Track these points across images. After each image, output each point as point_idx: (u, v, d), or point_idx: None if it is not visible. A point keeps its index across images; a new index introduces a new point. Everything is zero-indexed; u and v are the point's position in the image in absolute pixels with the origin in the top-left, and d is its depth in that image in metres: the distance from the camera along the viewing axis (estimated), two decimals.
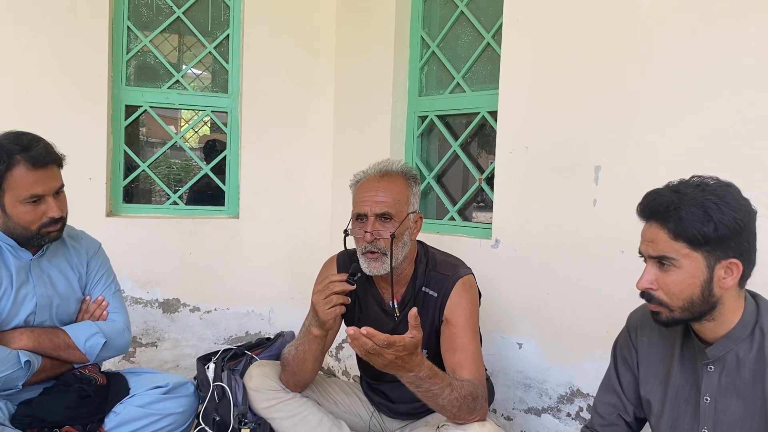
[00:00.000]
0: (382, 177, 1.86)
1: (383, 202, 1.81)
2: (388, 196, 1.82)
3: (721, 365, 1.34)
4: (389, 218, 1.81)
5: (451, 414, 1.66)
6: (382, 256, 1.81)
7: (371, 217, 1.81)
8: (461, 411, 1.64)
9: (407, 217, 1.85)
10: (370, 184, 1.85)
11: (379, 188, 1.83)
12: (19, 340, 1.79)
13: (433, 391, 1.60)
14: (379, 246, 1.81)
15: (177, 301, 3.18)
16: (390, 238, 1.79)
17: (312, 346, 1.88)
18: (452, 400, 1.62)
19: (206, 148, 3.59)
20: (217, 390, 2.07)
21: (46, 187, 1.76)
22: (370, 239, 1.80)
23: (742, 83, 1.78)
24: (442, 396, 1.61)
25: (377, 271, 1.82)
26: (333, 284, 1.77)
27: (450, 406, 1.63)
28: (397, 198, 1.83)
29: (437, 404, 1.63)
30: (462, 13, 2.79)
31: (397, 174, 1.88)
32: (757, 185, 1.68)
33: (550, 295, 2.30)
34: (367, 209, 1.82)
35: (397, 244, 1.81)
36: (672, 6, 1.92)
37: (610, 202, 2.10)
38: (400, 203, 1.83)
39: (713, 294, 1.28)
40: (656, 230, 1.29)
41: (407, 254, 1.88)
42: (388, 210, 1.81)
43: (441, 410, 1.66)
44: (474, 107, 2.75)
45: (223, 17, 3.28)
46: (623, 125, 2.05)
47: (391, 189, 1.83)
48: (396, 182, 1.86)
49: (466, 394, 1.64)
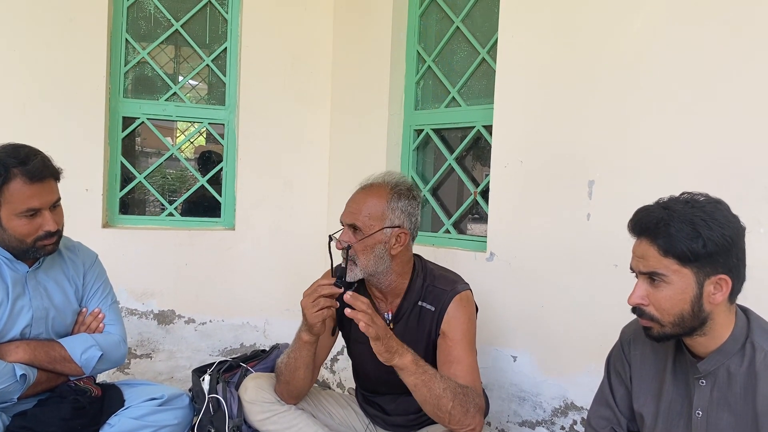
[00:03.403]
0: (364, 188, 1.92)
1: (352, 213, 1.87)
2: (359, 208, 1.87)
3: (713, 380, 1.35)
4: (357, 229, 1.86)
5: (447, 409, 1.69)
6: (351, 264, 1.86)
7: (345, 227, 1.88)
8: (455, 403, 1.69)
9: (381, 230, 1.84)
10: (354, 194, 1.92)
11: (356, 199, 1.89)
12: (15, 353, 1.79)
13: (427, 377, 1.69)
14: (350, 254, 1.86)
15: (172, 312, 3.18)
16: (346, 249, 1.85)
17: (302, 352, 1.88)
18: (446, 389, 1.70)
19: (202, 159, 3.60)
20: (212, 402, 2.07)
21: (43, 201, 1.76)
22: (339, 247, 1.87)
23: (733, 100, 1.81)
24: (435, 384, 1.69)
25: (350, 277, 1.87)
26: (321, 287, 1.79)
27: (444, 397, 1.69)
28: (369, 211, 1.85)
29: (434, 394, 1.69)
30: (458, 29, 2.82)
31: (382, 187, 1.89)
32: (748, 201, 1.71)
33: (544, 308, 2.31)
34: (343, 218, 1.90)
35: (366, 255, 1.85)
36: (665, 24, 1.95)
37: (603, 217, 2.12)
38: (371, 217, 1.85)
39: (703, 309, 1.30)
40: (646, 247, 1.31)
41: (394, 267, 1.89)
42: (355, 221, 1.86)
43: (438, 404, 1.70)
44: (469, 121, 2.77)
45: (220, 30, 3.30)
46: (617, 140, 2.08)
47: (366, 202, 1.87)
48: (375, 195, 1.87)
49: (456, 385, 1.73)
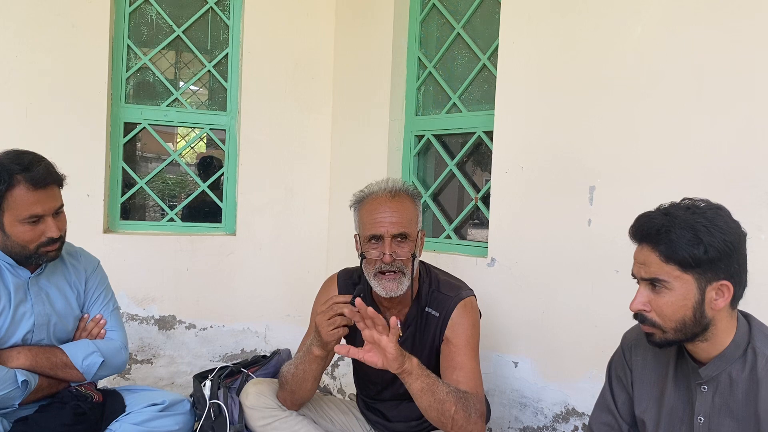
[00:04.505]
0: (393, 197, 1.87)
1: (399, 223, 1.82)
2: (402, 217, 1.83)
3: (715, 385, 1.35)
4: (405, 238, 1.82)
5: (450, 414, 1.69)
6: (401, 276, 1.82)
7: (387, 239, 1.81)
8: (458, 407, 1.70)
9: (417, 235, 1.88)
10: (383, 204, 1.85)
11: (393, 209, 1.83)
12: (16, 359, 1.79)
13: (431, 381, 1.69)
14: (398, 265, 1.81)
15: (173, 318, 3.18)
16: (411, 258, 1.81)
17: (312, 366, 1.87)
18: (449, 394, 1.70)
19: (203, 164, 3.61)
20: (213, 408, 2.07)
21: (46, 208, 1.76)
22: (389, 260, 1.80)
23: (734, 105, 1.81)
24: (439, 389, 1.69)
25: (394, 292, 1.82)
26: (337, 305, 1.76)
27: (448, 402, 1.69)
28: (410, 218, 1.85)
29: (437, 399, 1.69)
30: (458, 35, 2.83)
31: (405, 193, 1.90)
32: (749, 207, 1.71)
33: (545, 313, 2.31)
34: (383, 230, 1.81)
35: (415, 263, 1.84)
36: (665, 31, 1.96)
37: (604, 222, 2.12)
38: (412, 222, 1.86)
39: (705, 315, 1.30)
40: (648, 253, 1.31)
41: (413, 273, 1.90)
42: (404, 230, 1.82)
43: (442, 409, 1.69)
44: (470, 127, 2.78)
45: (222, 36, 3.32)
46: (618, 146, 2.08)
47: (404, 209, 1.85)
48: (406, 202, 1.88)
49: (458, 391, 1.74)
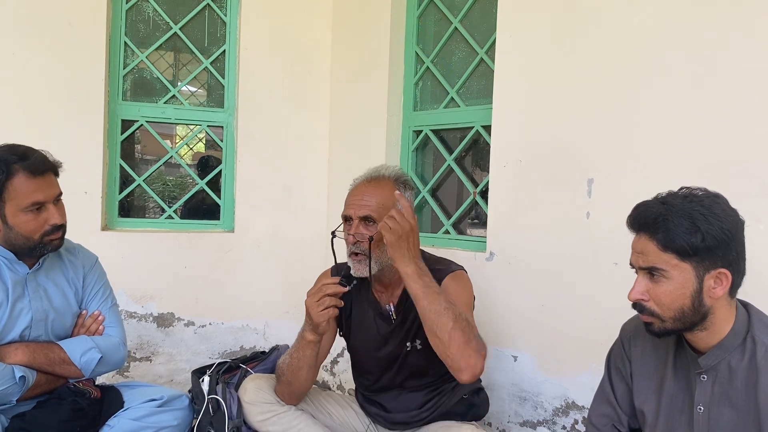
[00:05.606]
0: (370, 181, 1.92)
1: (366, 206, 1.87)
2: (372, 200, 1.87)
3: (714, 375, 1.35)
4: (372, 221, 1.86)
5: (447, 329, 1.63)
6: (364, 257, 1.85)
7: (355, 220, 1.87)
8: (456, 325, 1.63)
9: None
10: (358, 188, 1.92)
11: (365, 192, 1.89)
12: (14, 355, 1.79)
13: (431, 291, 1.67)
14: (362, 248, 1.85)
15: (171, 315, 3.17)
16: (368, 241, 1.83)
17: (306, 352, 1.88)
18: (448, 309, 1.65)
19: (201, 161, 3.60)
20: (211, 403, 2.07)
21: (47, 194, 1.78)
22: (352, 241, 1.87)
23: (732, 96, 1.81)
24: (437, 299, 1.66)
25: (361, 272, 1.86)
26: (326, 286, 1.79)
27: (446, 316, 1.63)
28: (382, 203, 1.87)
29: (434, 309, 1.65)
30: (456, 29, 2.83)
31: (386, 179, 1.93)
32: (747, 196, 1.71)
33: (544, 307, 2.31)
34: (352, 212, 1.88)
35: (380, 247, 1.84)
36: (663, 21, 1.96)
37: (603, 215, 2.12)
38: (384, 207, 1.86)
39: (704, 304, 1.29)
40: (645, 242, 1.31)
41: None
42: (370, 213, 1.86)
43: (438, 322, 1.64)
44: (468, 122, 2.77)
45: (219, 33, 3.31)
46: (616, 138, 2.08)
47: (377, 193, 1.88)
48: (383, 186, 1.90)
49: (460, 311, 1.68)
